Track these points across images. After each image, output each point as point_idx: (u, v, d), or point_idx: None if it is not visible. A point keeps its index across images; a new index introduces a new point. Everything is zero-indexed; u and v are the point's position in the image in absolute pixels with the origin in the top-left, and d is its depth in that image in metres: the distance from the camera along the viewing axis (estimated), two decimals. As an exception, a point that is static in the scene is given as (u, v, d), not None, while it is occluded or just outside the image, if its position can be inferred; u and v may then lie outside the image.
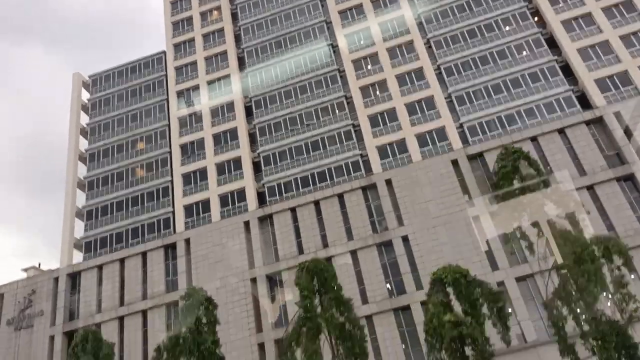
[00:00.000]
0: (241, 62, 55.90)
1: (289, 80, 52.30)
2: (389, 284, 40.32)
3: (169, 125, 53.89)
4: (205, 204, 48.31)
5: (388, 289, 40.03)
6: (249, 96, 53.07)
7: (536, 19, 48.75)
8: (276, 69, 53.56)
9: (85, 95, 59.93)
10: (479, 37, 48.84)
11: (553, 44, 46.98)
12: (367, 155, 46.51)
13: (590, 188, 38.75)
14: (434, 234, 40.11)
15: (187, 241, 45.84)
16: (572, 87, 44.25)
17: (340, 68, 51.68)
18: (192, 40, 58.42)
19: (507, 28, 48.52)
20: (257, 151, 49.81)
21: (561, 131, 41.68)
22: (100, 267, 47.09)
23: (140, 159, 52.89)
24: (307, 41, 54.06)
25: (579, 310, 25.86)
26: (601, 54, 44.64)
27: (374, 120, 47.85)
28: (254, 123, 51.46)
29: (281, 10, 56.78)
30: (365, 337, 28.85)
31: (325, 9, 55.86)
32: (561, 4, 47.81)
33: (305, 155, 48.10)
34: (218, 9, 59.71)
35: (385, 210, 42.40)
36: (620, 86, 42.85)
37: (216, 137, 51.68)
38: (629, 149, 39.47)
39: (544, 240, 27.53)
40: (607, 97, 42.46)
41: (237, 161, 49.64)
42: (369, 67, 50.83)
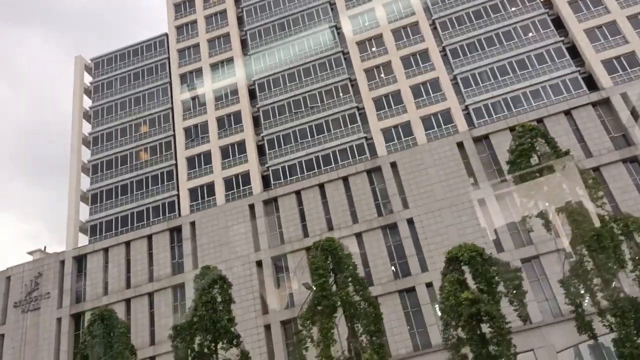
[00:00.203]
0: (244, 44, 55.45)
1: (293, 62, 51.93)
2: (394, 266, 40.51)
3: (172, 108, 53.67)
4: (210, 187, 48.36)
5: (393, 271, 40.23)
6: (253, 79, 52.74)
7: (542, -1, 48.27)
8: (280, 51, 53.14)
9: (88, 79, 59.63)
10: (485, 18, 48.34)
11: (560, 24, 46.51)
12: (372, 138, 46.34)
13: (596, 170, 38.63)
14: (439, 216, 40.20)
15: (193, 224, 46.03)
16: (579, 69, 43.93)
17: (344, 50, 51.23)
18: (194, 22, 57.88)
19: (513, 9, 47.99)
20: (262, 134, 49.66)
21: (567, 113, 41.52)
22: (106, 250, 47.35)
23: (144, 142, 52.80)
24: (311, 23, 53.54)
25: (596, 288, 25.94)
26: (608, 35, 44.20)
27: (378, 102, 47.60)
28: (257, 106, 51.22)
29: (284, -8, 56.18)
30: (381, 314, 29.10)
31: (329, -10, 55.23)
32: (568, -16, 47.23)
33: (310, 139, 47.96)
34: (220, -10, 59.01)
35: (390, 193, 42.42)
36: (628, 67, 42.52)
37: (220, 121, 51.49)
38: (635, 130, 39.32)
39: (562, 217, 27.57)
40: (613, 79, 42.16)
41: (242, 144, 49.53)
42: (373, 49, 50.39)
